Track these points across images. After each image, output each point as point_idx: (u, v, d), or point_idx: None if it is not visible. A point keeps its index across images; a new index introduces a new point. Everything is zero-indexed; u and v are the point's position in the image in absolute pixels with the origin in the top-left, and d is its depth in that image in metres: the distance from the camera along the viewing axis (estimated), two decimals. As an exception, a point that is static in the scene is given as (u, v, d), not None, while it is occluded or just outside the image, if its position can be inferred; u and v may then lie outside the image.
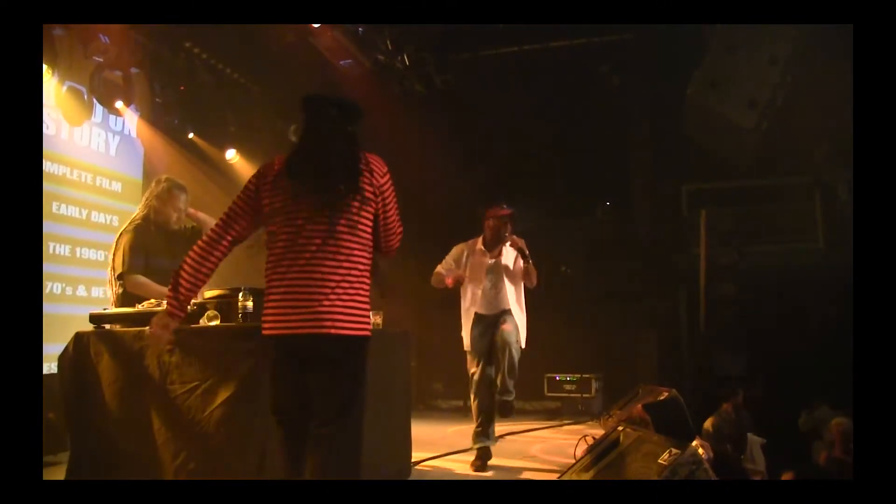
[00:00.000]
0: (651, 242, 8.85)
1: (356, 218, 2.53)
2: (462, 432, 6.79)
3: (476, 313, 4.97)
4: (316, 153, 2.57)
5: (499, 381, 4.83)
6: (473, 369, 4.97)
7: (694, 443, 3.13)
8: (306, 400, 2.51)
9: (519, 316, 4.99)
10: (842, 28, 2.77)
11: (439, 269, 5.08)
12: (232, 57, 7.59)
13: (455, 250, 5.12)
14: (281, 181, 2.57)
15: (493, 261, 4.99)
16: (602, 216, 9.98)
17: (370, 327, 2.59)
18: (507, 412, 4.83)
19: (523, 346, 4.95)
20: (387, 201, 2.64)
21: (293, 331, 2.47)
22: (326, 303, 2.45)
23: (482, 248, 5.04)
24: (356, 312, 2.51)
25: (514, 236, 4.94)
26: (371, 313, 2.62)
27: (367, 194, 2.56)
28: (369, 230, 2.59)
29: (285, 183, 2.55)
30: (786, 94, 7.43)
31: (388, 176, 2.66)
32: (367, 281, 2.58)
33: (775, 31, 7.39)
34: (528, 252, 4.90)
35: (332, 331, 2.44)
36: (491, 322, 4.95)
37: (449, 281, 4.91)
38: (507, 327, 4.85)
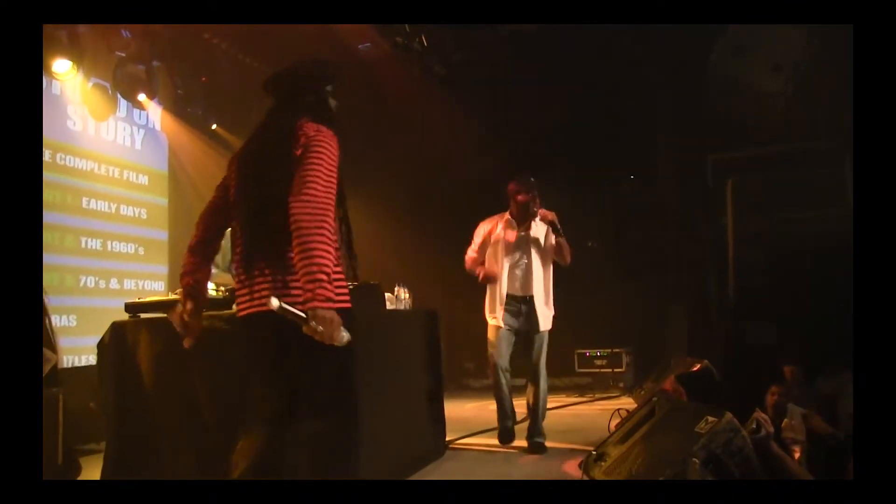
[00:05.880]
0: (678, 213, 8.76)
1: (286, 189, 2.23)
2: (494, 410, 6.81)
3: (507, 294, 4.71)
4: (251, 140, 2.61)
5: (529, 422, 4.78)
6: (492, 350, 4.75)
7: (756, 415, 3.08)
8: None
9: (544, 302, 4.75)
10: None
11: (471, 252, 4.86)
12: (251, 46, 7.61)
13: (482, 227, 4.85)
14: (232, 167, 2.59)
15: (523, 234, 4.72)
16: (627, 189, 9.90)
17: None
18: (540, 452, 4.63)
19: (549, 326, 4.79)
20: (303, 160, 2.27)
21: (244, 311, 2.37)
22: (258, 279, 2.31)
23: (511, 219, 4.77)
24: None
25: (545, 210, 4.71)
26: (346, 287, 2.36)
27: (292, 163, 2.28)
28: None
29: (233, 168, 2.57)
30: (812, 57, 7.27)
31: (308, 139, 2.33)
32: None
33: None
34: (559, 226, 4.68)
35: (263, 308, 2.20)
36: (516, 311, 4.72)
37: (480, 274, 4.74)
38: (535, 353, 4.71)
